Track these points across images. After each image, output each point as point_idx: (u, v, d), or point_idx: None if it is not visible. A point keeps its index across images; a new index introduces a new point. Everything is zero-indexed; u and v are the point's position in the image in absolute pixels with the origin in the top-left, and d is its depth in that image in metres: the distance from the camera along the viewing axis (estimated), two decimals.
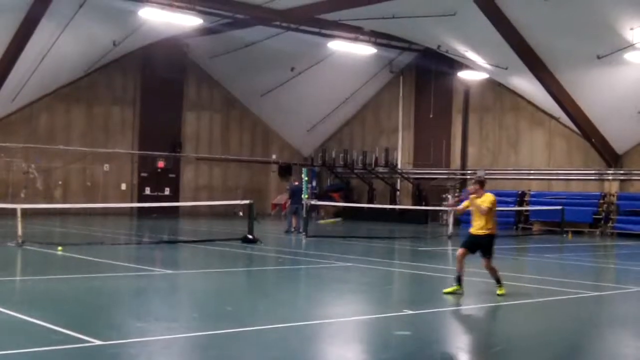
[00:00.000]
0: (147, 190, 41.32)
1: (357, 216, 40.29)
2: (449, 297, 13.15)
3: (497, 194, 37.32)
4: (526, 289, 15.10)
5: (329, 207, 41.94)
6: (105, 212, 37.31)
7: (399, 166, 42.44)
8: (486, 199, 13.47)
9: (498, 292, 13.30)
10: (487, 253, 13.42)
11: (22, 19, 30.04)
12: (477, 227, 13.52)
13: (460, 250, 13.57)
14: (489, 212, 13.39)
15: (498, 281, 13.46)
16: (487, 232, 13.40)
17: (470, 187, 13.79)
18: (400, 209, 39.95)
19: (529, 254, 25.61)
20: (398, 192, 42.56)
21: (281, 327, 10.24)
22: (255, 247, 22.44)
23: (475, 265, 14.33)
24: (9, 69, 32.20)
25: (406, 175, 42.14)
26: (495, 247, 13.57)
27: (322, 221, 36.70)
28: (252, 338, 9.61)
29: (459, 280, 13.31)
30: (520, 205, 36.42)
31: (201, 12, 30.65)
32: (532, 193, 36.58)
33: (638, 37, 27.96)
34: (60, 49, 32.75)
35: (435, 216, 39.38)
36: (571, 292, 14.57)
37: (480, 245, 13.45)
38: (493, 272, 13.45)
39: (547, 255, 23.70)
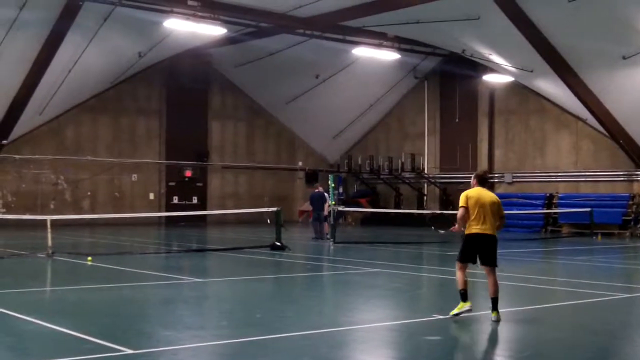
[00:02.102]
0: (175, 200, 41.55)
1: (384, 222, 40.25)
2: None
3: (524, 197, 37.37)
4: (557, 292, 14.99)
5: (356, 213, 41.92)
6: (133, 222, 37.52)
7: (426, 171, 42.35)
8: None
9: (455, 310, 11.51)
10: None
11: (48, 33, 30.35)
12: None
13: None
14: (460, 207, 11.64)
15: (463, 296, 11.57)
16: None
17: (472, 182, 12.04)
18: (427, 213, 39.84)
19: (559, 257, 25.43)
20: (425, 197, 42.47)
21: (310, 334, 10.24)
22: (283, 254, 22.47)
23: (500, 270, 14.23)
24: (36, 82, 32.52)
25: (433, 180, 42.05)
26: (463, 250, 11.77)
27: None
28: (281, 345, 9.61)
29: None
30: (549, 207, 36.23)
31: (225, 22, 30.78)
32: (560, 195, 36.36)
33: None
34: (86, 61, 33.03)
35: None
36: (602, 294, 14.44)
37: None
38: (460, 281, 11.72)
39: (577, 258, 23.54)
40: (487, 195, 11.72)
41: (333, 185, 30.62)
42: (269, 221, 33.00)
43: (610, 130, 33.53)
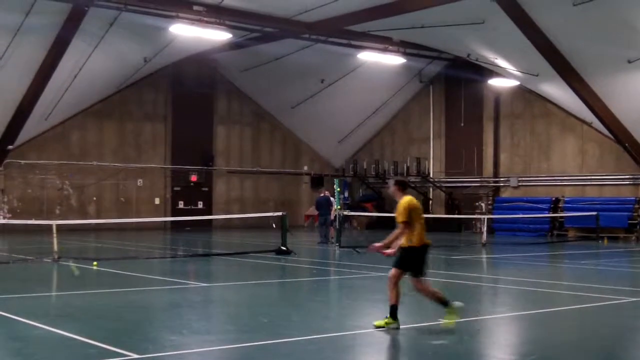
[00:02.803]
0: (181, 204, 41.58)
1: (390, 226, 40.13)
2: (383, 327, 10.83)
3: (530, 201, 37.37)
4: (563, 295, 14.97)
5: (361, 218, 41.91)
6: (139, 227, 37.56)
7: (431, 175, 42.34)
8: (398, 207, 11.06)
9: (445, 318, 10.97)
10: (409, 270, 11.07)
11: (53, 38, 30.44)
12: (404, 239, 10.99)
13: (392, 272, 11.09)
14: (402, 223, 10.92)
15: (442, 303, 11.06)
16: (407, 244, 10.95)
17: (391, 189, 11.45)
18: (433, 218, 39.82)
19: (565, 261, 25.40)
20: (431, 201, 42.46)
21: (316, 338, 10.23)
22: (289, 258, 22.46)
23: (507, 274, 14.23)
24: (42, 88, 32.60)
25: (438, 184, 42.03)
26: (425, 263, 11.14)
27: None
28: (287, 349, 9.61)
29: (394, 312, 10.88)
30: (555, 211, 36.20)
31: (230, 27, 30.82)
32: (565, 199, 36.33)
33: None
34: (91, 67, 33.10)
35: (469, 224, 39.27)
36: (608, 298, 14.40)
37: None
38: (428, 295, 11.20)
39: (583, 262, 23.51)
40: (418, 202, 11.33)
41: (339, 189, 30.61)
42: (274, 225, 33.06)
43: (615, 134, 33.48)
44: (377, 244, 11.15)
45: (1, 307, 12.35)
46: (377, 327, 10.74)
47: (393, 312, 10.82)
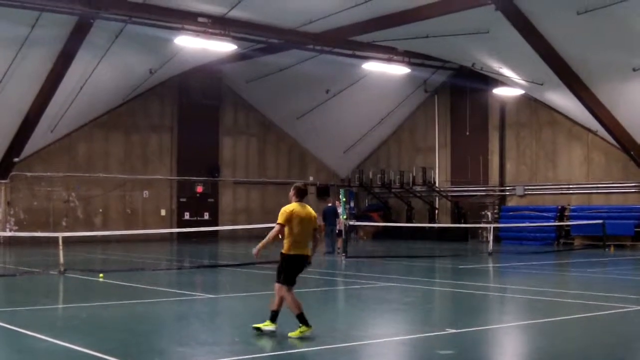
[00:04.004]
0: (187, 215, 41.60)
1: (397, 235, 40.22)
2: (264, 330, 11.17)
3: (536, 209, 37.32)
4: (570, 304, 14.93)
5: (368, 228, 41.90)
6: (145, 238, 37.58)
7: (437, 184, 42.34)
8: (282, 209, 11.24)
9: (291, 333, 10.90)
10: (277, 276, 11.35)
11: (59, 50, 30.53)
12: None
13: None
14: (278, 224, 11.16)
15: (301, 320, 10.93)
16: (282, 250, 11.35)
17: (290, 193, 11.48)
18: (439, 227, 39.86)
19: (571, 269, 25.38)
20: (437, 211, 42.44)
21: (324, 349, 10.23)
22: None
23: (514, 283, 14.22)
24: (48, 100, 32.68)
25: (444, 193, 42.02)
26: (289, 272, 11.28)
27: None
28: None
29: (274, 317, 11.23)
30: (561, 220, 36.16)
31: (235, 38, 30.87)
32: (572, 207, 36.30)
33: None
34: (97, 79, 33.18)
35: (475, 233, 39.25)
36: (615, 306, 14.38)
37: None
38: (289, 305, 11.17)
39: (589, 270, 23.46)
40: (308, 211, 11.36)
41: (344, 199, 30.62)
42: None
43: (621, 142, 33.45)
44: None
45: (7, 320, 12.38)
46: (255, 328, 11.13)
47: (273, 317, 11.15)
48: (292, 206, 11.28)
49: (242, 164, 43.95)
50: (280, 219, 11.13)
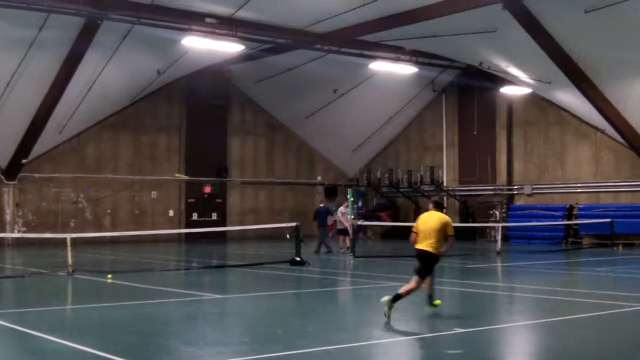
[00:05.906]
0: (195, 216, 41.63)
1: (405, 235, 40.10)
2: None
3: (545, 208, 37.27)
4: (579, 303, 14.89)
5: (376, 227, 41.87)
6: (153, 239, 37.62)
7: (445, 183, 42.30)
8: None
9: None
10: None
11: (67, 52, 30.62)
12: None
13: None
14: None
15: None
16: None
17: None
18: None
19: (580, 268, 25.32)
20: (445, 210, 42.32)
21: (332, 349, 10.21)
22: (303, 269, 22.46)
23: (523, 282, 14.18)
24: (56, 101, 32.77)
25: (452, 193, 41.97)
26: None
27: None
28: None
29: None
30: (569, 219, 36.08)
31: (243, 39, 30.90)
32: (580, 206, 36.20)
33: None
34: (105, 80, 33.26)
35: (483, 233, 39.20)
36: (625, 305, 14.34)
37: None
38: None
39: (598, 269, 23.40)
40: None
41: (352, 199, 30.68)
42: (288, 236, 33.09)
43: (629, 140, 33.37)
44: None
45: (16, 321, 12.41)
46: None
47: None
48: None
49: (250, 164, 43.96)
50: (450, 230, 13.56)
